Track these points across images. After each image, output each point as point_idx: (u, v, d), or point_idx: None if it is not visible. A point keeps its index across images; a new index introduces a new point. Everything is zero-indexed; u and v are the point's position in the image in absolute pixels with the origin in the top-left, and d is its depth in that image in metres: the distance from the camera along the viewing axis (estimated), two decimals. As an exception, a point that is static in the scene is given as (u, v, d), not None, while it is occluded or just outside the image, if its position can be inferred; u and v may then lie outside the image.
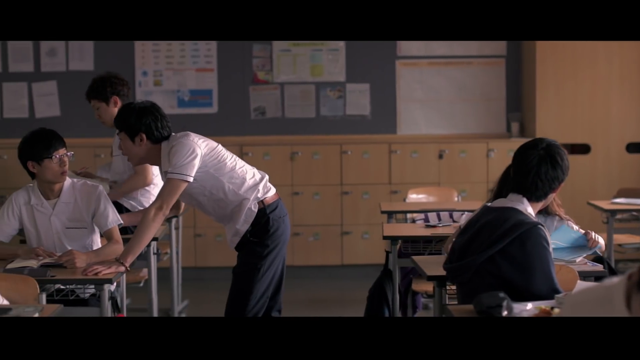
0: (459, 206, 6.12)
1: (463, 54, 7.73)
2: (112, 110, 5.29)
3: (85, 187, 4.29)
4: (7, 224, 4.27)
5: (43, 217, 4.25)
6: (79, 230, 4.26)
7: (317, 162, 7.41)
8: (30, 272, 3.87)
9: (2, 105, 7.75)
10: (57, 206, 4.24)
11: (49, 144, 4.17)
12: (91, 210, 4.25)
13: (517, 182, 3.38)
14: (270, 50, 7.67)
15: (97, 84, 5.32)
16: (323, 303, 6.84)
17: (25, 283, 3.73)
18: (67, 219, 4.24)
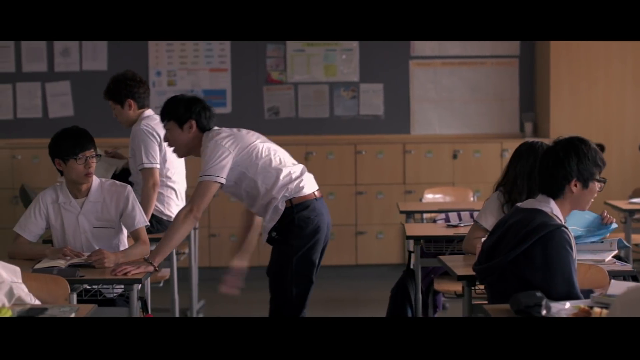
0: (475, 206, 6.13)
1: (476, 54, 7.73)
2: (127, 112, 5.27)
3: (114, 187, 4.28)
4: (35, 223, 4.27)
5: (71, 216, 4.24)
6: (107, 230, 4.25)
7: (332, 162, 7.41)
8: (59, 272, 3.87)
9: (16, 105, 7.74)
10: (85, 205, 4.24)
11: (76, 143, 4.17)
12: (119, 210, 4.25)
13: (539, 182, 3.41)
14: (284, 50, 7.67)
15: (112, 85, 5.30)
16: (338, 303, 6.84)
17: (56, 283, 3.73)
18: (95, 219, 4.24)
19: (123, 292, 4.19)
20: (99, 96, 7.63)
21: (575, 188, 3.30)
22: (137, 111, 5.24)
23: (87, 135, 4.23)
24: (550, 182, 3.33)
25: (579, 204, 3.37)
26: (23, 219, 4.31)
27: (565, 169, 3.30)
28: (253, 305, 6.87)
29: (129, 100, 5.24)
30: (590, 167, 3.32)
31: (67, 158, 4.17)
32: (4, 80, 7.70)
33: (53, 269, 3.91)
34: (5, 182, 7.41)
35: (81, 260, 4.03)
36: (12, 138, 7.70)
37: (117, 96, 5.25)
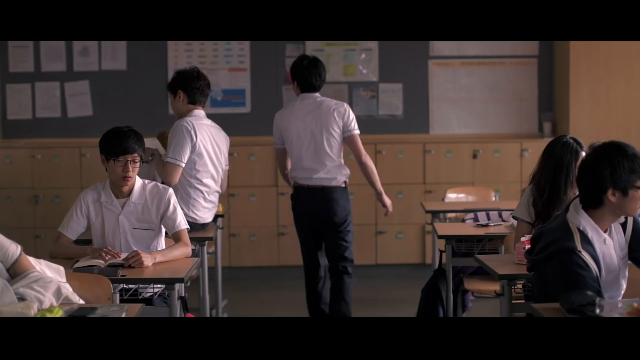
0: (498, 205, 6.15)
1: (495, 54, 7.74)
2: (177, 103, 5.29)
3: (156, 189, 4.30)
4: (77, 222, 4.30)
5: (111, 215, 4.25)
6: (146, 232, 4.27)
7: (352, 161, 7.39)
8: (101, 272, 3.87)
9: (35, 104, 7.74)
10: (126, 206, 4.25)
11: (118, 144, 4.17)
12: (160, 213, 4.26)
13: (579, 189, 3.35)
14: (303, 50, 7.67)
15: (173, 76, 5.33)
16: (358, 302, 6.81)
17: (98, 282, 3.74)
18: (136, 220, 4.25)
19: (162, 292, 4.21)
20: (118, 96, 7.72)
21: (613, 197, 3.20)
22: (187, 106, 5.24)
23: (134, 138, 4.21)
24: (587, 193, 3.27)
25: (624, 211, 3.27)
26: (66, 219, 4.33)
27: (598, 178, 3.20)
28: (276, 304, 6.90)
29: (179, 92, 5.25)
30: (627, 175, 3.18)
31: (109, 158, 4.18)
32: (23, 79, 7.71)
33: (94, 269, 3.93)
34: (25, 182, 7.41)
35: (120, 261, 4.04)
36: (30, 138, 7.70)
37: (171, 86, 5.29)
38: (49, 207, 7.39)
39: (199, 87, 5.25)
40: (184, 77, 5.27)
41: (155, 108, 7.71)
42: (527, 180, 7.28)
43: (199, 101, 5.28)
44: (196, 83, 5.24)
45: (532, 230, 4.07)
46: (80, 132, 7.71)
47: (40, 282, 3.30)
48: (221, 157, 5.35)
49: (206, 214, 5.32)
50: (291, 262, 7.42)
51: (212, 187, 5.32)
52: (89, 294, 3.64)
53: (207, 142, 5.20)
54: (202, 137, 5.16)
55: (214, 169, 5.30)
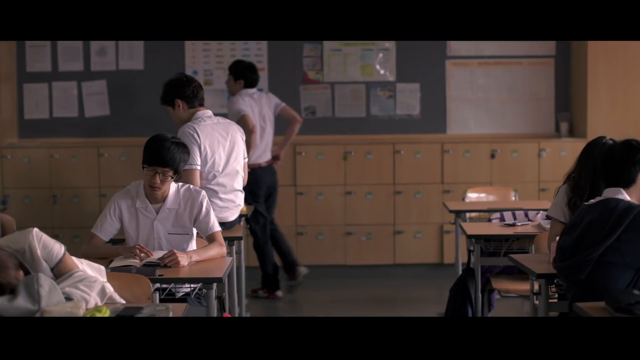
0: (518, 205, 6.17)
1: (512, 54, 7.75)
2: (178, 112, 5.22)
3: (188, 192, 4.30)
4: (110, 224, 4.29)
5: (146, 221, 4.26)
6: (180, 236, 4.27)
7: (370, 161, 7.43)
8: (138, 272, 3.88)
9: (52, 104, 7.74)
10: (161, 211, 4.26)
11: (153, 153, 4.17)
12: (193, 216, 4.27)
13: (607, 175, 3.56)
14: (320, 50, 7.69)
15: (163, 89, 5.30)
16: (377, 302, 6.86)
17: (138, 282, 3.74)
18: (170, 225, 4.26)
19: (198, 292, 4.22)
20: (136, 95, 7.72)
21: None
22: (189, 111, 5.20)
23: (172, 152, 4.18)
24: (620, 172, 3.49)
25: None
26: (99, 220, 4.32)
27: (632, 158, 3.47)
28: (295, 304, 6.91)
29: (177, 101, 5.22)
30: None
31: (143, 163, 4.19)
32: (40, 79, 7.70)
33: (131, 268, 3.93)
34: (44, 182, 7.40)
35: (156, 261, 4.04)
36: (48, 137, 7.69)
37: (166, 98, 5.24)
38: (67, 207, 7.39)
39: (192, 90, 5.21)
40: (176, 86, 5.23)
41: (172, 108, 7.70)
42: (545, 180, 7.40)
43: (197, 103, 5.23)
44: (189, 87, 5.20)
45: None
46: (97, 131, 7.71)
47: (85, 281, 3.31)
48: (238, 150, 5.25)
49: (225, 213, 5.25)
50: (309, 262, 7.42)
51: (229, 186, 5.22)
52: (128, 293, 3.64)
53: (214, 141, 5.12)
54: (207, 138, 5.09)
55: (227, 166, 5.21)
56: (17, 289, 3.08)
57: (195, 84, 5.20)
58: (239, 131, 5.30)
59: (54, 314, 3.01)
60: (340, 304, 6.82)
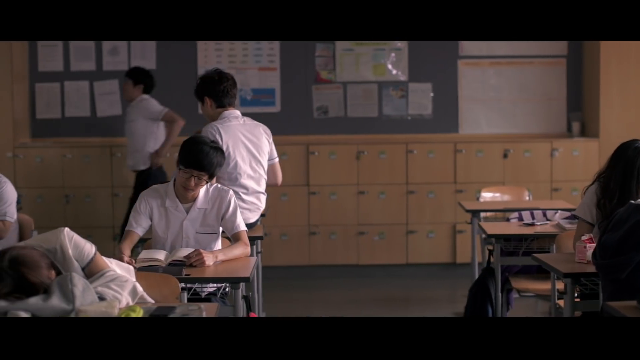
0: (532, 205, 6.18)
1: (524, 53, 7.76)
2: (207, 109, 5.23)
3: (217, 192, 4.31)
4: (144, 219, 4.29)
5: (176, 220, 4.27)
6: (208, 236, 4.29)
7: (383, 161, 7.43)
8: (165, 271, 3.88)
9: (64, 104, 7.73)
10: (191, 211, 4.26)
11: (192, 157, 4.17)
12: (220, 215, 4.27)
13: None
14: (333, 50, 7.69)
15: (196, 83, 5.28)
16: (390, 302, 6.86)
17: (166, 282, 3.74)
18: (199, 225, 4.27)
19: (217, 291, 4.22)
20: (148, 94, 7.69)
21: None
22: (217, 110, 5.19)
23: (211, 158, 4.18)
24: None
25: None
26: (132, 218, 4.32)
27: None
28: (311, 304, 6.90)
29: (205, 98, 5.21)
30: None
31: (179, 163, 4.19)
32: (52, 79, 7.70)
33: (158, 268, 3.93)
34: (56, 182, 7.40)
35: (182, 259, 4.04)
36: (59, 137, 7.69)
37: (197, 93, 5.24)
38: (79, 207, 7.39)
39: (222, 90, 5.16)
40: (206, 82, 5.20)
41: (184, 107, 7.68)
42: (557, 180, 7.42)
43: (227, 103, 5.20)
44: (219, 86, 5.16)
45: (593, 230, 4.09)
46: (109, 131, 7.70)
47: (116, 281, 3.31)
48: (261, 153, 5.21)
49: (246, 215, 5.22)
50: (322, 262, 7.44)
51: (251, 188, 5.18)
52: (156, 293, 3.63)
53: (238, 143, 5.10)
54: (230, 138, 5.07)
55: (250, 168, 5.18)
56: (50, 288, 3.08)
57: (226, 84, 5.15)
58: (264, 133, 5.24)
59: (89, 313, 3.01)
60: (353, 303, 6.81)
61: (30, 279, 3.09)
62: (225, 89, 5.18)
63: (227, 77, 5.22)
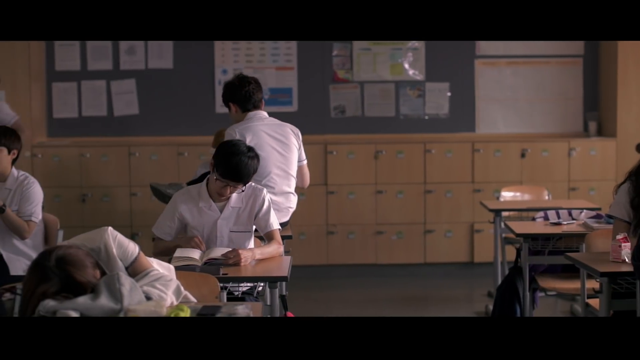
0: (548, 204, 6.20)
1: (541, 53, 7.77)
2: (233, 115, 5.24)
3: (250, 190, 4.32)
4: (170, 226, 4.31)
5: (210, 219, 4.27)
6: (242, 234, 4.29)
7: (401, 160, 7.44)
8: (203, 271, 3.88)
9: (81, 103, 7.73)
10: (225, 210, 4.27)
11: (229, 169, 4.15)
12: (254, 213, 4.28)
13: None
14: (350, 49, 7.69)
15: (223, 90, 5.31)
16: (408, 301, 6.86)
17: (205, 281, 3.74)
18: (233, 223, 4.27)
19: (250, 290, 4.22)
20: (165, 94, 7.73)
21: None
22: (242, 114, 5.20)
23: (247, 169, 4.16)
24: None
25: None
26: (160, 222, 4.33)
27: None
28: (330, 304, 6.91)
29: (230, 104, 5.23)
30: None
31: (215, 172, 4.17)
32: (69, 78, 7.69)
33: (195, 267, 3.93)
34: (74, 181, 7.39)
35: (219, 257, 4.04)
36: (76, 136, 7.69)
37: (223, 100, 5.26)
38: (97, 206, 7.38)
39: (245, 94, 5.16)
40: (228, 89, 5.23)
41: (201, 107, 7.71)
42: (575, 179, 7.43)
43: (251, 106, 5.19)
44: (240, 90, 5.17)
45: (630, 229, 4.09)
46: (126, 130, 7.70)
47: (161, 280, 3.31)
48: (289, 152, 5.20)
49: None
50: (340, 261, 7.45)
51: (279, 188, 5.16)
52: (195, 292, 3.62)
53: (264, 142, 5.08)
54: (253, 138, 5.04)
55: (277, 168, 5.16)
56: (97, 288, 3.08)
57: (247, 88, 5.16)
58: (292, 133, 5.23)
59: (138, 313, 3.00)
60: (372, 303, 6.82)
61: (77, 278, 3.08)
62: (247, 93, 5.18)
63: (248, 81, 5.24)
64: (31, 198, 5.12)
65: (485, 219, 7.26)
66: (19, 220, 5.03)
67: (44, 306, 2.97)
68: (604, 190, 7.38)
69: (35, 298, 3.03)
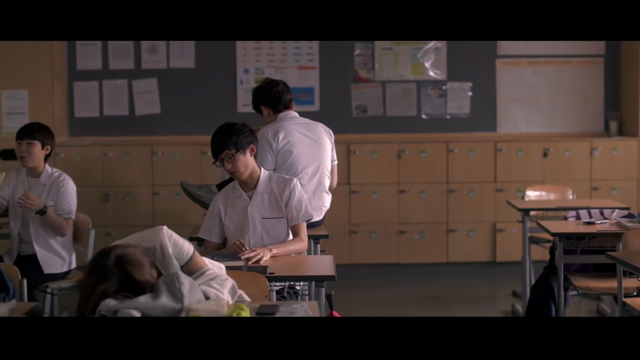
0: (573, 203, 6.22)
1: (562, 53, 7.79)
2: (266, 118, 5.26)
3: (282, 179, 4.37)
4: (214, 224, 4.34)
5: (241, 208, 4.32)
6: (275, 221, 4.31)
7: (424, 160, 7.45)
8: (250, 269, 3.88)
9: (102, 102, 7.73)
10: (254, 197, 4.31)
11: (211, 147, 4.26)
12: (284, 200, 4.31)
13: None
14: (372, 49, 7.70)
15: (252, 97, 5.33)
16: (430, 300, 6.87)
17: (255, 280, 3.74)
18: (264, 210, 4.30)
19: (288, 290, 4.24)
20: (186, 93, 7.73)
21: None
22: (273, 116, 5.21)
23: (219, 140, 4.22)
24: None
25: None
26: (204, 225, 4.35)
27: None
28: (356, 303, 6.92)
29: (261, 108, 5.24)
30: None
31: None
32: (90, 77, 7.69)
33: (243, 267, 3.93)
34: (97, 180, 7.39)
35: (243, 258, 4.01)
36: (98, 135, 7.69)
37: (254, 105, 5.28)
38: (119, 206, 7.38)
39: (275, 95, 5.20)
40: (258, 93, 5.27)
41: (223, 106, 7.71)
42: (597, 179, 7.44)
43: (283, 107, 5.22)
44: (270, 93, 5.20)
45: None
46: (148, 130, 7.70)
47: (217, 279, 3.31)
48: (322, 151, 5.18)
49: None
50: (363, 261, 7.46)
51: (309, 186, 5.15)
52: (245, 291, 3.63)
53: (295, 140, 5.10)
54: (286, 137, 5.07)
55: (310, 166, 5.15)
56: (157, 287, 3.07)
57: (276, 89, 5.20)
58: (324, 132, 5.25)
59: (200, 312, 3.00)
60: (396, 302, 6.83)
61: (136, 277, 3.08)
62: (277, 94, 5.21)
63: (276, 83, 5.28)
64: (68, 195, 5.15)
65: (507, 218, 7.29)
66: (59, 219, 5.05)
67: (106, 305, 2.97)
68: (626, 189, 7.40)
69: (96, 297, 3.03)
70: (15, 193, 5.15)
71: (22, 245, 5.20)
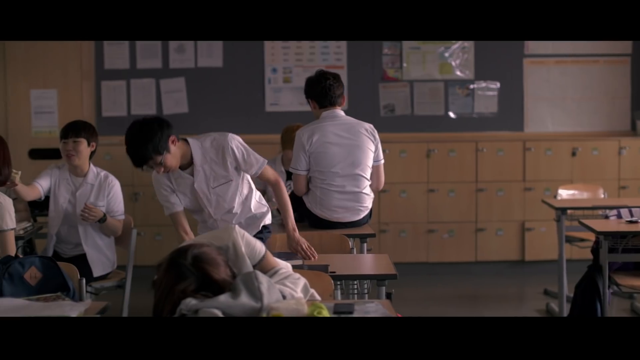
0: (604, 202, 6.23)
1: (589, 52, 7.81)
2: (313, 111, 5.27)
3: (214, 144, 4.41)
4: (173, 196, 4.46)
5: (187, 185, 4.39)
6: (225, 186, 4.39)
7: (453, 159, 7.46)
8: (311, 268, 3.89)
9: (130, 101, 7.72)
10: (196, 174, 4.37)
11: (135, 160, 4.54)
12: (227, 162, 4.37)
13: None
14: (400, 48, 7.71)
15: None
16: (460, 299, 6.88)
17: (319, 278, 3.75)
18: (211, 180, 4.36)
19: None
20: (214, 93, 7.73)
21: None
22: (319, 111, 5.19)
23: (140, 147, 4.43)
24: None
25: None
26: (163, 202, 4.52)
27: None
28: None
29: (309, 100, 5.23)
30: None
31: None
32: (118, 76, 7.69)
33: (304, 266, 3.94)
34: (126, 179, 7.34)
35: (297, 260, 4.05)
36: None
37: (305, 95, 5.26)
38: (148, 205, 7.37)
39: (322, 89, 5.13)
40: (307, 84, 5.24)
41: (251, 105, 7.72)
42: (625, 178, 7.46)
43: (328, 103, 5.16)
44: (317, 86, 5.15)
45: None
46: (175, 129, 7.60)
47: (290, 278, 3.31)
48: (359, 152, 5.10)
49: (343, 214, 5.19)
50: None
51: (346, 188, 5.12)
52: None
53: (330, 142, 5.05)
54: (319, 139, 5.05)
55: (344, 168, 5.09)
56: (235, 286, 3.07)
57: (325, 84, 5.13)
58: (364, 133, 5.15)
59: (281, 311, 3.00)
60: (430, 301, 6.84)
61: (213, 276, 3.08)
62: (324, 89, 5.15)
63: (326, 77, 5.21)
64: (118, 197, 5.17)
65: (536, 217, 7.31)
66: (114, 222, 5.07)
67: (186, 305, 2.96)
68: (654, 188, 7.44)
69: (174, 297, 3.02)
70: (57, 190, 5.13)
71: (62, 246, 5.16)
